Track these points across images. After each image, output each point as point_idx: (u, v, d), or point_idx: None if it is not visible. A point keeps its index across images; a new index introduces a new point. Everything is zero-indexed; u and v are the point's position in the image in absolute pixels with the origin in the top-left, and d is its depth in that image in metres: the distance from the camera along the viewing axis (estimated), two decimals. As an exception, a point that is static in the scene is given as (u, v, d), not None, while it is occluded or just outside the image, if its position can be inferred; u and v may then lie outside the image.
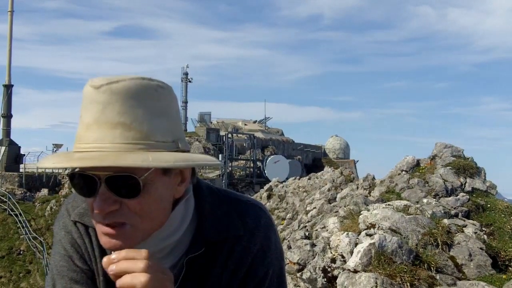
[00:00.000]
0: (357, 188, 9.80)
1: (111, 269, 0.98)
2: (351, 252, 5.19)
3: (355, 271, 4.87)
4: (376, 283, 4.55)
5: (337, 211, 8.06)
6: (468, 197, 7.24)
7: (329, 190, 11.34)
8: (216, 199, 1.26)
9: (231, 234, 1.22)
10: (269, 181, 19.59)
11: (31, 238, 26.99)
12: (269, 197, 15.70)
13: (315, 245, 5.90)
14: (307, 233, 7.20)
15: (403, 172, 8.47)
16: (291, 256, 5.89)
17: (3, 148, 38.45)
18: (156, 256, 1.20)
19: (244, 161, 36.95)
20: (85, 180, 1.07)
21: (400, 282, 4.64)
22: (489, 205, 7.15)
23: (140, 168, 1.04)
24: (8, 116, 40.66)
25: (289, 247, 6.79)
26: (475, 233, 5.83)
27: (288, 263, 5.87)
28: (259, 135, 39.55)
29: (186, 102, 49.16)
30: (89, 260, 1.25)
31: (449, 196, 7.35)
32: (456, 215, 6.69)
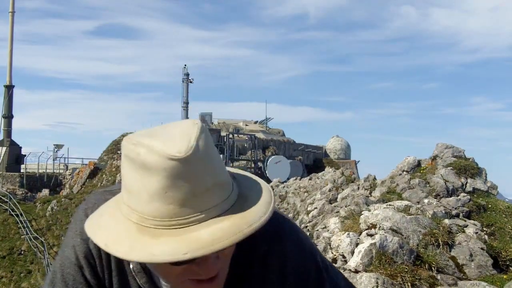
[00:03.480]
0: (358, 188, 9.80)
1: None
2: (352, 252, 5.19)
3: (356, 271, 4.87)
4: (377, 283, 4.55)
5: (338, 211, 8.06)
6: (469, 197, 7.23)
7: (330, 190, 11.34)
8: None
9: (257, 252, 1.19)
10: (270, 181, 19.57)
11: (32, 238, 27.01)
12: (270, 197, 15.68)
13: (316, 245, 5.89)
14: (308, 233, 7.20)
15: (404, 173, 8.46)
16: (292, 256, 5.89)
17: (4, 149, 38.54)
18: None
19: (245, 162, 36.93)
20: None
21: (401, 282, 4.64)
22: (490, 206, 7.14)
23: None
24: (9, 117, 40.74)
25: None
26: (476, 233, 5.83)
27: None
28: (260, 135, 39.51)
29: (187, 103, 49.24)
30: (101, 272, 1.17)
31: (450, 197, 7.34)
32: (457, 215, 6.68)
